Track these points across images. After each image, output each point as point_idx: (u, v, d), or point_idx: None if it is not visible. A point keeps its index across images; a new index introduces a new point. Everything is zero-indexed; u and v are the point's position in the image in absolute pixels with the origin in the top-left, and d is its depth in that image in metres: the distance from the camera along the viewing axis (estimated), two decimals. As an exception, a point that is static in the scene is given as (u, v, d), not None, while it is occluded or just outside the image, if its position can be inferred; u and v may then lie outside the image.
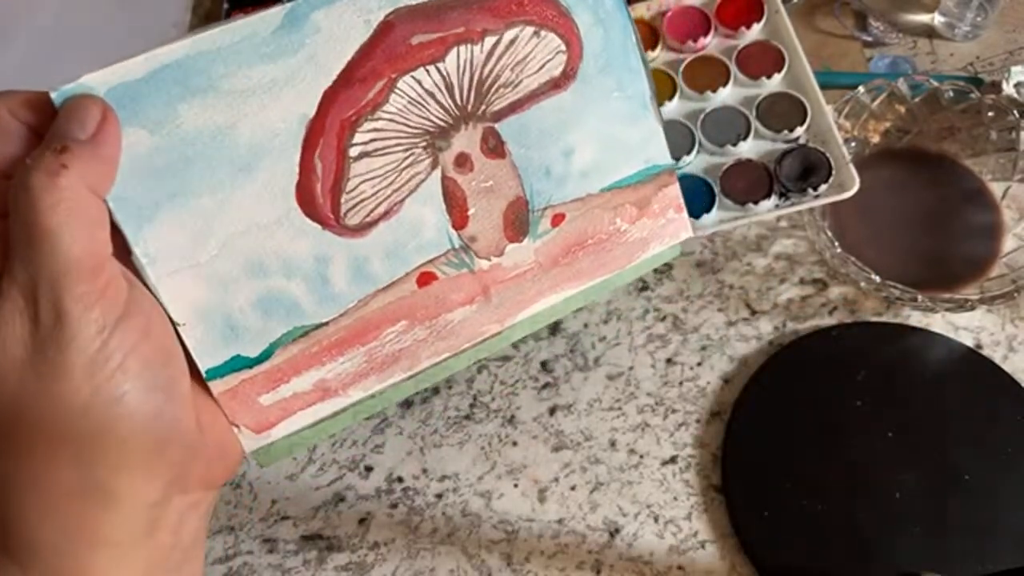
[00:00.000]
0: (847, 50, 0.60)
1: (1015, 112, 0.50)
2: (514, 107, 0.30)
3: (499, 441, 0.50)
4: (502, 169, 0.31)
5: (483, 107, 0.30)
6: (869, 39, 0.60)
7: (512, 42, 0.29)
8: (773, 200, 0.46)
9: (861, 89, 0.52)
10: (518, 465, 0.50)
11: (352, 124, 0.28)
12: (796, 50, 0.48)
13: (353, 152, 0.28)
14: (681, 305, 0.53)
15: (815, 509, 0.46)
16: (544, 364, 0.52)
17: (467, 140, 0.30)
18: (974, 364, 0.49)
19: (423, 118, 0.29)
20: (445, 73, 0.29)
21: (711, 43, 0.50)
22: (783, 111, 0.47)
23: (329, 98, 0.27)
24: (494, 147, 0.30)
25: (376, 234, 0.29)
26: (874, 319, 0.51)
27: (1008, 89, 0.55)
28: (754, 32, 0.49)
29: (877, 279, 0.47)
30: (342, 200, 0.29)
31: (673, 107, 0.48)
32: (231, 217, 0.27)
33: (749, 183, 0.46)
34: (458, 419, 0.51)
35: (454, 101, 0.29)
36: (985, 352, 0.49)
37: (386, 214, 0.29)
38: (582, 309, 0.53)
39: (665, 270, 0.54)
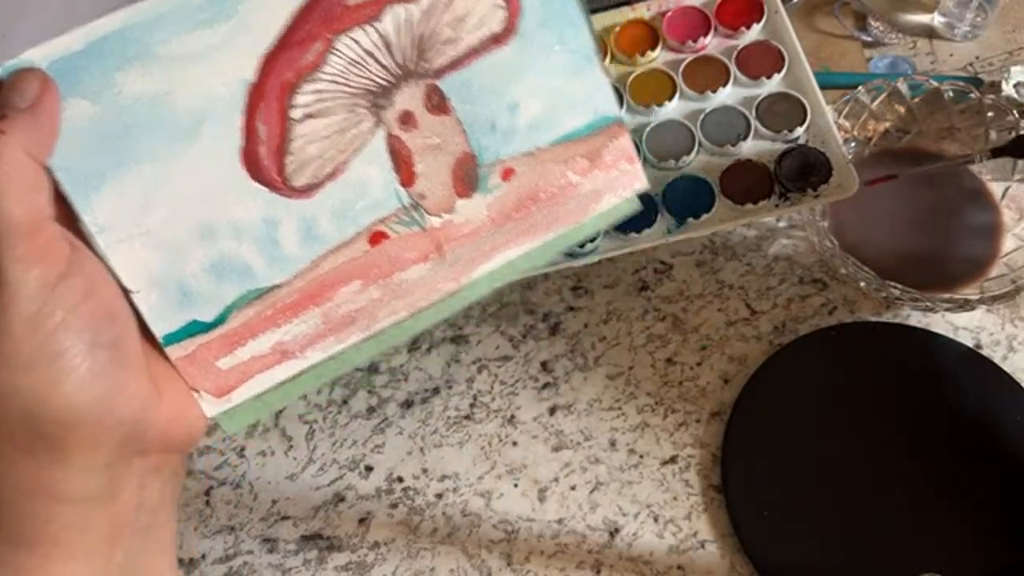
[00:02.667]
0: (847, 50, 0.60)
1: (1015, 112, 0.50)
2: (455, 64, 0.31)
3: (499, 441, 0.50)
4: (447, 125, 0.31)
5: (424, 65, 0.30)
6: (869, 39, 0.60)
7: None
8: (773, 200, 0.46)
9: (861, 89, 0.52)
10: (518, 465, 0.50)
11: (292, 87, 0.28)
12: (796, 50, 0.48)
13: (295, 114, 0.29)
14: (681, 305, 0.53)
15: (814, 508, 0.46)
16: (544, 364, 0.52)
17: (410, 98, 0.30)
18: (974, 364, 0.49)
19: (364, 78, 0.29)
20: (383, 32, 0.29)
21: (711, 43, 0.50)
22: (783, 111, 0.47)
23: (268, 62, 0.28)
24: (437, 104, 0.31)
25: (323, 195, 0.30)
26: (873, 319, 0.51)
27: (1008, 89, 0.55)
28: (754, 32, 0.49)
29: (877, 279, 0.47)
30: (287, 162, 0.29)
31: (673, 107, 0.48)
32: (178, 183, 0.28)
33: (749, 183, 0.46)
34: (458, 419, 0.51)
35: (394, 60, 0.30)
36: (985, 352, 0.49)
37: (332, 174, 0.30)
38: (582, 309, 0.53)
39: (665, 270, 0.54)
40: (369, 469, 0.50)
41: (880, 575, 0.44)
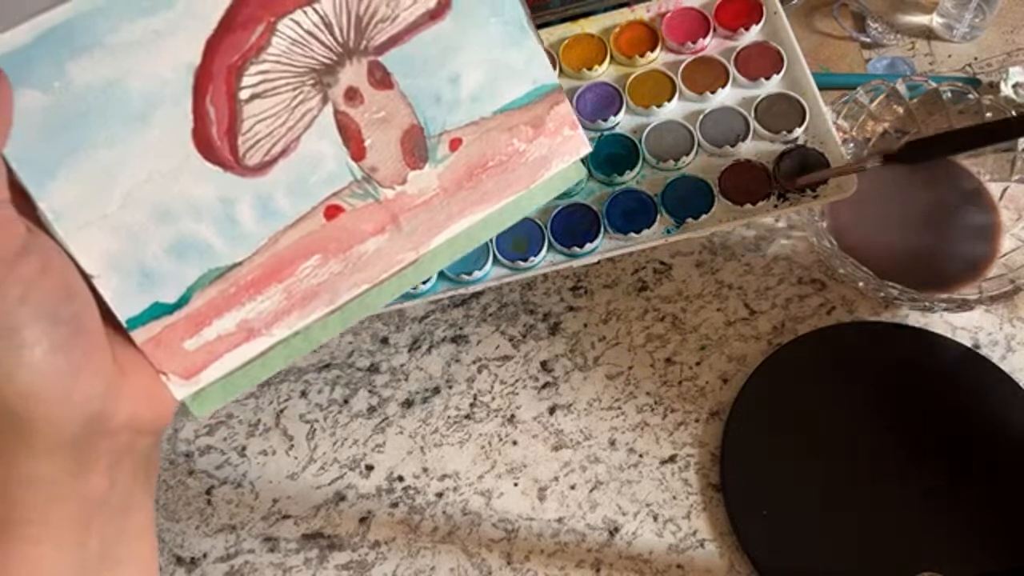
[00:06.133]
0: (845, 51, 0.60)
1: (1013, 113, 0.50)
2: (395, 40, 0.32)
3: (499, 440, 0.51)
4: (392, 99, 0.32)
5: (364, 42, 0.31)
6: (867, 40, 0.60)
7: None
8: (772, 200, 0.46)
9: (859, 90, 0.52)
10: (518, 464, 0.50)
11: (238, 69, 0.29)
12: (795, 51, 0.48)
13: (243, 95, 0.30)
14: (680, 305, 0.53)
15: (813, 508, 0.46)
16: (544, 364, 0.52)
17: (353, 74, 0.31)
18: (972, 364, 0.49)
19: (307, 57, 0.31)
20: (322, 13, 0.30)
21: (710, 44, 0.50)
22: (782, 112, 0.48)
23: (212, 46, 0.29)
24: (381, 79, 0.32)
25: (277, 171, 0.31)
26: (872, 319, 0.51)
27: (1006, 90, 0.55)
28: (753, 33, 0.49)
29: (875, 279, 0.47)
30: (239, 142, 0.30)
31: (672, 108, 0.49)
32: (132, 167, 0.28)
33: (748, 184, 0.46)
34: (458, 418, 0.51)
35: (335, 38, 0.31)
36: (983, 352, 0.50)
37: (284, 152, 0.31)
38: (581, 309, 0.53)
39: (664, 270, 0.54)
40: (370, 468, 0.51)
41: (879, 575, 0.45)
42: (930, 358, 0.49)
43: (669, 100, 0.48)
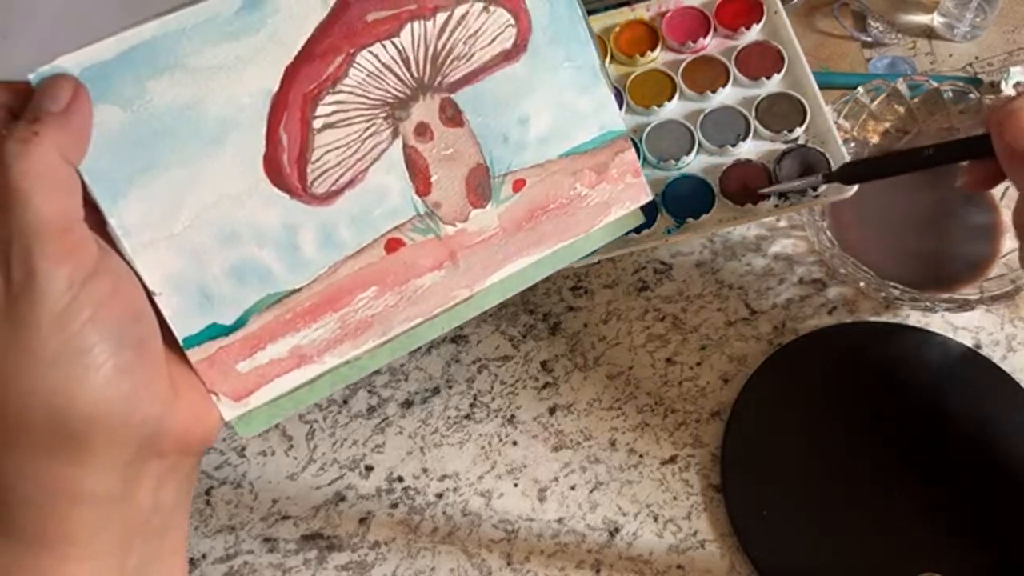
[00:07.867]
0: (846, 51, 0.60)
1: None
2: (469, 78, 0.32)
3: (499, 441, 0.50)
4: (461, 137, 0.32)
5: (439, 79, 0.31)
6: (868, 39, 0.60)
7: (463, 17, 0.31)
8: (772, 200, 0.46)
9: (860, 89, 0.52)
10: (518, 465, 0.50)
11: (314, 97, 0.29)
12: (795, 51, 0.48)
13: (317, 124, 0.30)
14: (680, 305, 0.53)
15: (814, 508, 0.46)
16: (544, 364, 0.52)
17: (426, 110, 0.31)
18: (973, 364, 0.49)
19: (382, 90, 0.31)
20: (401, 47, 0.30)
21: (711, 44, 0.50)
22: (782, 111, 0.47)
23: (291, 74, 0.29)
24: (452, 116, 0.32)
25: (342, 202, 0.31)
26: (873, 319, 0.51)
27: (1007, 89, 0.55)
28: (753, 33, 0.49)
29: (876, 279, 0.47)
30: (308, 170, 0.30)
31: (673, 107, 0.48)
32: (202, 188, 0.28)
33: (749, 183, 0.46)
34: (458, 419, 0.51)
35: (411, 74, 0.31)
36: (984, 352, 0.50)
37: (351, 182, 0.31)
38: (582, 309, 0.53)
39: (665, 270, 0.54)
40: (369, 469, 0.51)
41: (879, 575, 0.44)
42: (931, 358, 0.49)
43: (669, 100, 0.48)
